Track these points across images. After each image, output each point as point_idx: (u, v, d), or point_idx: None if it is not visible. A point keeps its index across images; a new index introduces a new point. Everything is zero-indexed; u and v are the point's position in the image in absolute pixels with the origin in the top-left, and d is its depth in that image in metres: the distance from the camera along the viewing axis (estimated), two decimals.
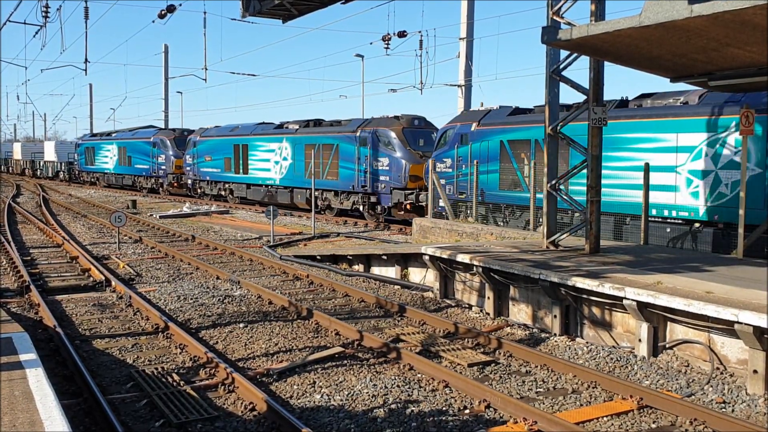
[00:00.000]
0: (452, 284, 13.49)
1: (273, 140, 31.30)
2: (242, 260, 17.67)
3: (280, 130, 31.20)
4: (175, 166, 40.61)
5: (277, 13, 13.65)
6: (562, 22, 11.61)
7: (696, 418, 7.06)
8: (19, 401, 5.72)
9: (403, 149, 24.73)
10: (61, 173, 60.94)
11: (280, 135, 30.92)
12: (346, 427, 7.02)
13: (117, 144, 48.26)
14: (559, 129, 12.82)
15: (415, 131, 25.63)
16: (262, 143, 32.06)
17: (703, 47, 9.45)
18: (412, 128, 25.62)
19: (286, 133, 30.46)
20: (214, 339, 10.33)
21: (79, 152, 56.29)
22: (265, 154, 31.53)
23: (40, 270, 15.87)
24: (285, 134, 30.55)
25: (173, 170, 40.73)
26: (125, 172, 47.26)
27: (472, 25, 30.25)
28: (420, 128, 25.96)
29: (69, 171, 59.03)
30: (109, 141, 49.84)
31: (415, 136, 25.47)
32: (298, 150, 29.46)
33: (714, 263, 11.37)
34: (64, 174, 59.96)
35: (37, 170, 66.77)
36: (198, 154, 37.57)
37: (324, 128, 28.71)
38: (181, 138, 41.43)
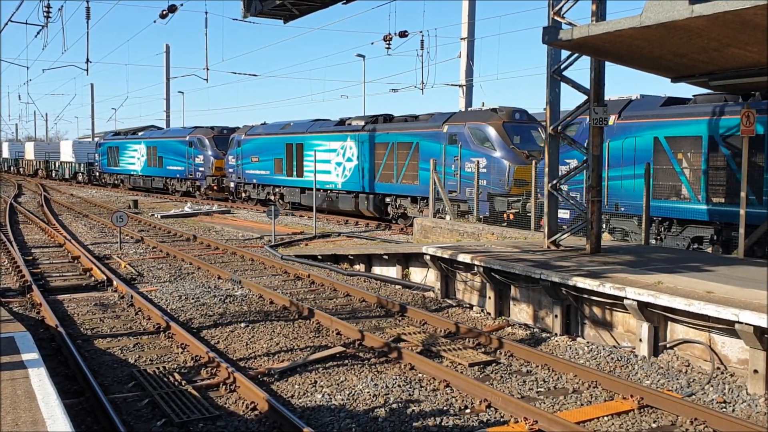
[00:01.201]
0: (453, 284, 13.51)
1: (334, 138, 27.52)
2: (243, 260, 17.69)
3: (343, 127, 27.56)
4: (215, 168, 36.84)
5: (279, 14, 13.68)
6: (563, 22, 11.62)
7: (696, 417, 7.07)
8: (21, 400, 5.74)
9: (505, 147, 20.66)
10: (79, 175, 56.84)
11: (342, 132, 27.21)
12: (348, 426, 7.04)
13: (146, 143, 44.36)
14: (560, 129, 12.83)
15: (517, 126, 21.53)
16: (320, 142, 28.00)
17: (704, 47, 9.46)
18: (513, 122, 21.51)
19: (351, 131, 26.83)
20: (215, 338, 10.35)
21: (100, 152, 52.22)
22: (324, 155, 27.42)
23: (41, 270, 15.89)
24: (349, 131, 26.91)
25: (213, 172, 36.94)
26: (155, 173, 43.20)
27: (473, 25, 30.28)
28: (523, 122, 21.86)
29: (89, 172, 55.22)
30: (136, 140, 46.03)
31: (517, 131, 21.31)
32: (365, 149, 25.79)
33: (715, 263, 11.38)
34: (83, 176, 56.12)
35: (52, 171, 62.85)
36: (243, 154, 33.53)
37: (398, 124, 25.06)
38: (221, 137, 37.70)
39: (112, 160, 49.36)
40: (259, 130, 33.04)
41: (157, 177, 43.10)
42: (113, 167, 49.39)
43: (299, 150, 29.45)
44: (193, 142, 38.34)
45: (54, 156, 66.56)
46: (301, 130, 29.75)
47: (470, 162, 20.99)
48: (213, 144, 37.39)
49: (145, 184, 45.03)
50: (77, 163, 57.93)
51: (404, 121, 25.14)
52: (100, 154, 52.05)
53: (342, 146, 27.00)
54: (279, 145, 30.75)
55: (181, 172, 39.87)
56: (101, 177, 52.65)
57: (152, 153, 43.07)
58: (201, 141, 37.77)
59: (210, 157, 37.14)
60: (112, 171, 49.99)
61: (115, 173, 49.81)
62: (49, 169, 63.55)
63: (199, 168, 37.89)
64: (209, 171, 37.16)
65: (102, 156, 51.60)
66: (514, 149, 20.61)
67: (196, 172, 38.22)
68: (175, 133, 41.58)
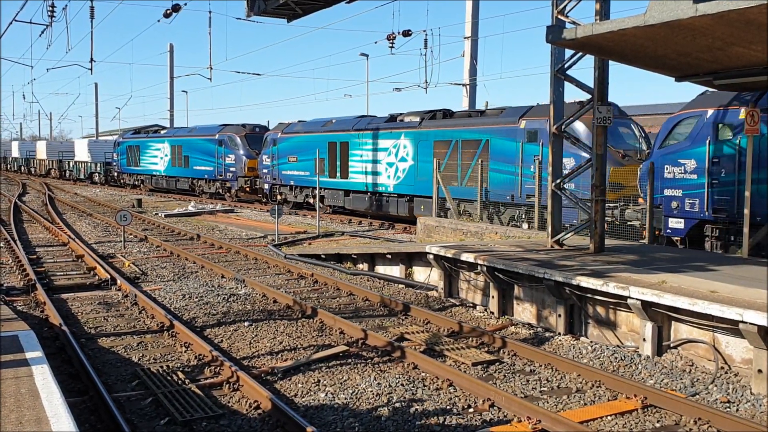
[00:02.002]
0: (456, 283, 13.50)
1: (384, 136, 25.01)
2: (247, 259, 17.70)
3: (395, 123, 24.96)
4: (247, 168, 34.38)
5: (282, 13, 13.69)
6: (567, 22, 11.61)
7: (700, 417, 7.06)
8: (25, 399, 5.76)
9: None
10: (96, 175, 54.07)
11: (395, 130, 24.58)
12: (351, 425, 7.04)
13: (170, 142, 41.76)
14: (564, 128, 12.82)
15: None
16: (368, 141, 25.73)
17: (708, 46, 9.44)
18: None
19: (405, 128, 24.24)
20: (219, 337, 10.36)
21: (119, 151, 49.22)
22: (372, 154, 25.39)
23: (45, 268, 15.93)
24: (403, 129, 24.28)
25: (245, 173, 34.47)
26: (180, 174, 40.64)
27: (476, 24, 30.26)
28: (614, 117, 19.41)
29: (106, 173, 52.64)
30: (159, 138, 43.51)
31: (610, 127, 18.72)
32: (422, 148, 23.16)
33: (719, 263, 11.35)
34: (99, 176, 53.42)
35: (66, 171, 59.97)
36: (279, 153, 30.99)
37: (462, 120, 22.46)
38: (253, 135, 35.19)
39: (132, 159, 46.83)
40: (298, 127, 30.65)
41: (182, 178, 40.64)
42: (133, 167, 46.86)
43: (344, 149, 27.09)
44: (223, 140, 35.91)
45: (68, 155, 64.05)
46: (346, 127, 27.33)
47: None
48: (245, 143, 34.92)
49: (168, 185, 42.48)
50: (93, 162, 55.20)
51: (468, 116, 22.77)
52: (119, 154, 49.33)
53: (395, 145, 24.42)
54: (320, 144, 27.93)
55: (209, 173, 37.47)
56: (120, 177, 50.12)
57: (177, 152, 40.66)
58: (232, 139, 35.37)
59: (242, 157, 34.71)
60: (132, 171, 47.45)
61: (135, 173, 47.21)
62: (63, 169, 61.08)
63: (230, 168, 35.47)
64: (241, 172, 34.78)
65: (121, 155, 48.93)
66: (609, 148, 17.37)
67: (227, 172, 35.75)
68: (203, 131, 39.11)
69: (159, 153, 43.12)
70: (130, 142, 47.54)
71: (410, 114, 24.93)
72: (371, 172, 25.28)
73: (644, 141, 18.91)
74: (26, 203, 34.78)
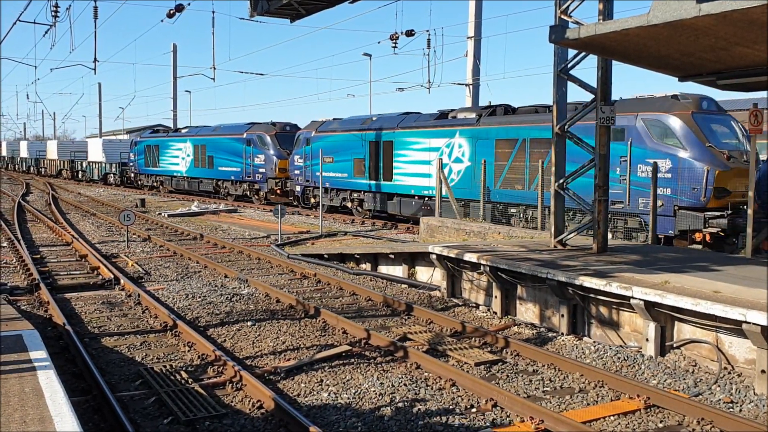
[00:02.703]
0: (459, 283, 13.50)
1: (435, 135, 22.68)
2: (250, 259, 17.73)
3: (447, 120, 22.73)
4: (278, 169, 32.10)
5: (285, 13, 13.69)
6: (570, 21, 11.60)
7: (703, 417, 7.06)
8: (29, 398, 5.78)
9: (699, 146, 15.92)
10: (111, 176, 51.69)
11: (448, 127, 22.25)
12: (353, 425, 7.05)
13: (192, 141, 39.60)
14: (567, 128, 12.82)
15: (709, 117, 16.68)
16: (416, 139, 23.44)
17: (712, 46, 9.42)
18: (703, 113, 16.66)
19: (459, 125, 21.91)
20: (222, 337, 10.38)
21: (136, 151, 46.83)
22: (421, 154, 23.01)
23: (49, 268, 15.96)
24: (457, 126, 21.96)
25: (276, 174, 32.21)
26: (204, 175, 38.56)
27: (479, 24, 30.25)
28: (713, 113, 16.94)
29: (122, 173, 50.18)
30: (180, 138, 41.36)
31: (711, 125, 16.58)
32: (482, 148, 20.78)
33: (722, 263, 11.34)
34: (115, 177, 51.02)
35: (78, 172, 57.55)
36: (312, 153, 28.45)
37: (529, 116, 19.89)
38: (284, 134, 33.05)
39: (151, 159, 44.51)
40: (334, 125, 28.51)
41: (205, 179, 38.52)
42: (152, 168, 44.56)
43: (387, 149, 24.72)
44: (252, 140, 33.65)
45: (80, 155, 61.26)
46: (389, 125, 25.01)
47: (645, 164, 16.33)
48: (275, 142, 32.65)
49: (190, 187, 40.19)
50: (108, 163, 52.62)
51: (534, 111, 20.14)
52: (136, 154, 46.86)
53: (448, 144, 21.98)
54: (360, 143, 25.87)
55: (236, 174, 35.21)
56: (137, 178, 47.68)
57: (201, 152, 38.55)
58: (261, 139, 33.11)
59: (272, 157, 32.43)
60: (150, 172, 45.06)
61: (153, 174, 44.79)
62: (75, 170, 58.51)
63: (259, 169, 33.21)
64: (271, 173, 32.56)
65: (138, 155, 46.49)
66: (712, 148, 15.82)
67: (256, 173, 33.50)
68: (229, 130, 36.86)
69: (180, 153, 41.03)
70: (148, 141, 45.33)
71: (464, 110, 22.92)
72: (419, 174, 22.87)
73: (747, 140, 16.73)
74: (30, 203, 34.85)
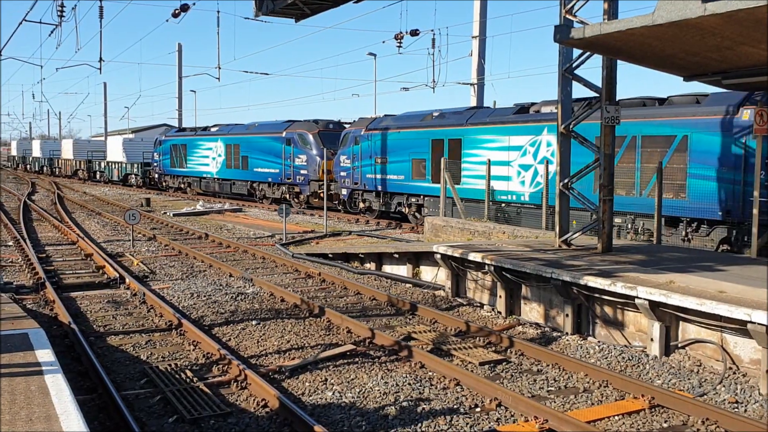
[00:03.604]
0: (464, 283, 13.50)
1: (516, 132, 19.76)
2: (255, 258, 17.75)
3: (529, 115, 19.78)
4: (321, 171, 28.71)
5: (290, 12, 13.72)
6: (575, 21, 11.59)
7: (708, 417, 7.05)
8: (35, 396, 5.81)
9: None
10: (132, 177, 49.05)
11: (532, 123, 19.33)
12: (358, 424, 7.06)
13: (224, 141, 37.01)
14: (572, 128, 12.80)
15: None
16: (491, 137, 20.47)
17: (717, 46, 9.41)
18: None
19: (547, 120, 18.68)
20: (227, 336, 10.40)
21: (161, 151, 44.05)
22: (496, 154, 20.11)
23: (55, 267, 16.02)
24: (545, 121, 18.86)
25: (319, 176, 28.95)
26: (237, 177, 35.88)
27: (484, 24, 30.21)
28: None
29: (144, 174, 47.48)
30: (210, 137, 38.71)
31: None
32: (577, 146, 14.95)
33: (727, 263, 11.32)
34: (137, 178, 48.42)
35: (96, 172, 55.11)
36: (362, 154, 26.11)
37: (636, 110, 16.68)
38: (327, 132, 30.36)
39: (177, 160, 41.81)
40: (387, 122, 25.66)
41: (239, 181, 35.88)
42: (178, 168, 41.91)
43: (454, 148, 21.84)
44: (292, 139, 31.08)
45: (98, 155, 58.79)
46: (456, 121, 22.26)
47: None
48: (319, 141, 29.93)
49: (221, 189, 37.61)
50: (129, 163, 49.72)
51: (642, 105, 17.10)
52: (161, 154, 44.06)
53: (533, 142, 19.04)
54: (420, 142, 23.18)
55: (273, 176, 32.40)
56: (161, 180, 44.73)
57: (234, 152, 35.85)
58: (303, 137, 30.49)
59: (315, 158, 29.63)
60: (176, 173, 42.39)
61: (180, 175, 42.07)
62: (93, 170, 55.79)
63: (301, 171, 30.53)
64: (314, 175, 29.69)
65: (163, 155, 43.68)
66: None
67: (297, 175, 30.80)
68: (266, 128, 34.10)
69: (211, 153, 38.35)
70: (175, 140, 42.53)
71: (548, 103, 19.58)
72: (497, 176, 20.00)
73: None
74: (35, 202, 34.96)
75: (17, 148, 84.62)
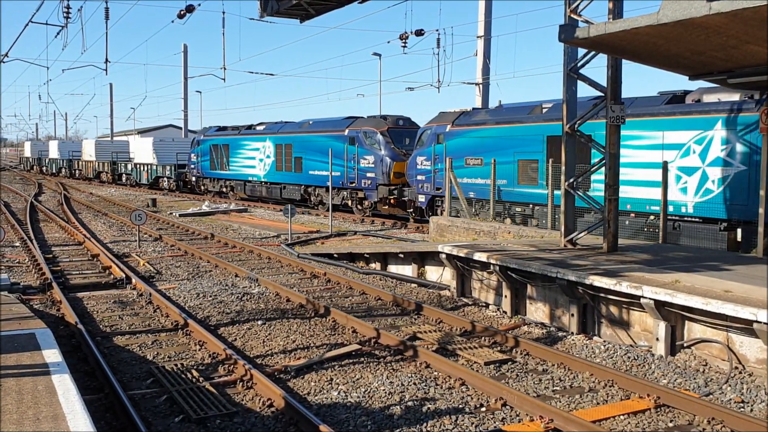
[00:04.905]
0: (469, 283, 13.50)
1: (672, 126, 15.89)
2: (260, 258, 17.79)
3: (691, 106, 15.78)
4: (393, 174, 26.01)
5: (295, 13, 13.73)
6: (580, 20, 11.58)
7: (714, 417, 7.04)
8: (42, 395, 5.84)
9: None
10: (164, 180, 45.05)
11: (696, 115, 15.50)
12: (363, 423, 7.07)
13: (274, 140, 33.20)
14: (577, 127, 12.79)
15: None
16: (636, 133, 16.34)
17: (722, 45, 9.39)
18: None
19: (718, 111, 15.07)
20: (232, 336, 10.43)
21: (200, 152, 40.11)
22: (643, 154, 16.31)
23: (61, 267, 16.08)
24: (715, 113, 15.13)
25: (390, 179, 26.05)
26: (289, 180, 31.84)
27: (489, 24, 30.18)
28: None
29: (178, 177, 43.54)
30: (257, 136, 34.86)
31: None
32: None
33: (733, 262, 11.29)
34: (169, 182, 44.31)
35: (122, 175, 51.64)
36: (448, 154, 21.96)
37: None
38: (397, 129, 27.03)
39: (218, 161, 38.13)
40: (481, 116, 21.98)
41: (290, 185, 31.99)
42: (219, 171, 38.24)
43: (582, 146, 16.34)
44: (357, 137, 27.57)
45: (123, 156, 55.40)
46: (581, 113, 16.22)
47: None
48: (389, 140, 26.58)
49: (269, 194, 33.84)
50: (160, 165, 45.78)
51: None
52: (199, 155, 40.14)
53: (699, 139, 15.24)
54: (531, 139, 18.98)
55: (334, 179, 27.52)
56: (199, 183, 40.75)
57: (285, 153, 32.17)
58: (370, 136, 27.02)
59: (385, 159, 26.17)
60: (217, 176, 38.63)
61: (222, 179, 38.27)
62: (118, 173, 52.37)
63: (367, 174, 27.04)
64: (383, 178, 26.26)
65: (202, 156, 39.82)
66: None
67: (362, 179, 27.33)
68: (324, 125, 30.52)
69: (257, 154, 34.57)
70: (215, 140, 38.67)
71: (713, 90, 15.43)
72: (641, 182, 16.26)
73: None
74: (42, 203, 35.09)
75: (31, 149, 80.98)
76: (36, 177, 63.33)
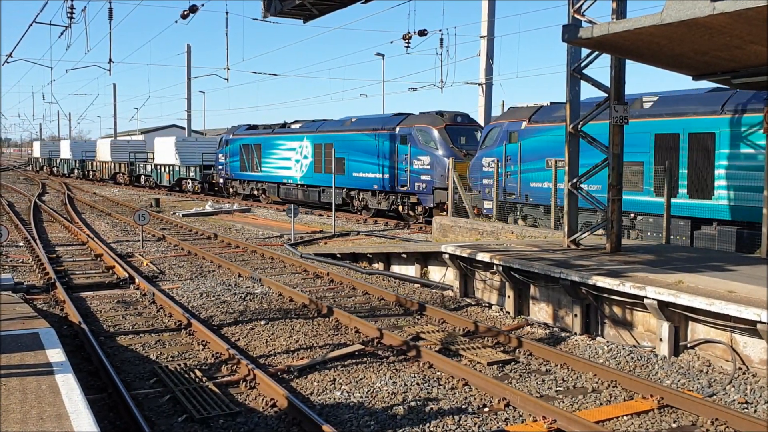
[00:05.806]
0: (472, 283, 13.50)
1: None
2: (263, 258, 17.80)
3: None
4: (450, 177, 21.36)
5: (298, 13, 13.74)
6: (583, 20, 11.57)
7: (717, 418, 7.02)
8: (46, 395, 5.85)
9: None
10: (188, 182, 42.49)
11: None
12: (366, 423, 7.07)
13: (312, 139, 30.51)
14: (580, 127, 12.78)
15: None
16: None
17: (726, 45, 9.37)
18: None
19: None
20: (235, 336, 10.44)
21: (228, 152, 37.69)
22: None
23: (65, 267, 16.11)
24: None
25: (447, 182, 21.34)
26: (329, 183, 26.44)
27: (492, 24, 30.19)
28: None
29: (204, 179, 41.07)
30: (293, 135, 32.16)
31: None
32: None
33: (737, 262, 11.27)
34: (193, 183, 41.86)
35: (141, 176, 49.04)
36: (522, 155, 19.39)
37: None
38: (455, 127, 24.53)
39: (249, 162, 35.50)
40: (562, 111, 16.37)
41: (330, 188, 27.21)
42: (250, 172, 35.58)
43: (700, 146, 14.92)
44: (409, 135, 25.02)
45: (141, 156, 53.00)
46: (702, 107, 15.00)
47: None
48: (446, 138, 24.06)
49: (306, 197, 31.00)
50: (183, 166, 43.05)
51: None
52: (228, 155, 37.72)
53: None
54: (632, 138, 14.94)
55: (380, 182, 25.90)
56: (228, 185, 38.42)
57: (324, 153, 29.40)
58: (425, 134, 24.48)
59: (442, 160, 23.42)
60: (248, 177, 36.06)
61: (253, 181, 35.73)
62: (136, 174, 49.79)
63: (421, 176, 24.40)
64: (439, 181, 23.51)
65: (231, 157, 37.34)
66: None
67: (415, 182, 24.65)
68: (370, 123, 27.78)
69: (293, 154, 31.86)
70: (246, 139, 36.08)
71: None
72: None
73: None
74: (45, 203, 35.16)
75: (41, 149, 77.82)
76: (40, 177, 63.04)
